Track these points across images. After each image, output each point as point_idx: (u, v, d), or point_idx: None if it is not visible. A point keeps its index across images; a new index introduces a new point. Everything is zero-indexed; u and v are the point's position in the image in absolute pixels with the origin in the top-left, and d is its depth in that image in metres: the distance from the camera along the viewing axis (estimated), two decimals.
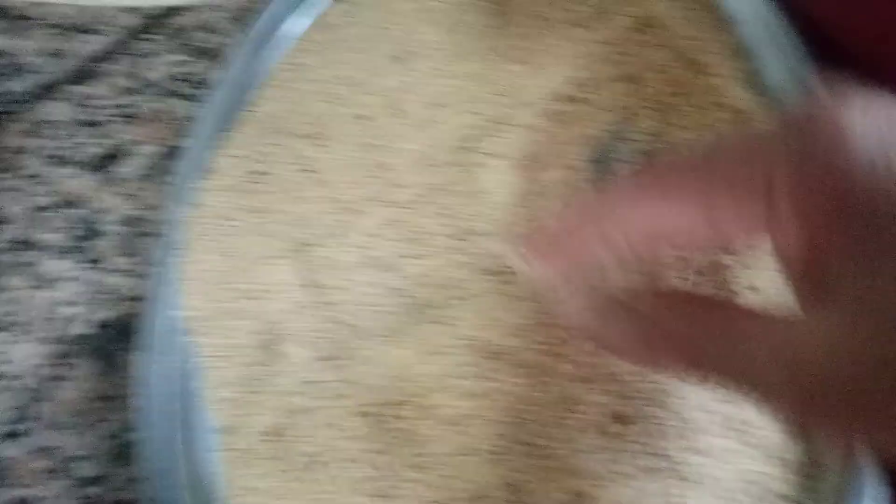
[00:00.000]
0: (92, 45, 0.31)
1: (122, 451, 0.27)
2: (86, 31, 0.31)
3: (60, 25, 0.30)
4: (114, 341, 0.28)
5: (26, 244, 0.29)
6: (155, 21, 0.32)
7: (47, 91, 0.31)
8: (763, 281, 0.26)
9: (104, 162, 0.30)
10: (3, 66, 0.30)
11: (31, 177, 0.30)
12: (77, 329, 0.29)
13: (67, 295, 0.29)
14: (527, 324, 0.25)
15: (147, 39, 0.32)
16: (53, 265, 0.29)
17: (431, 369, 0.25)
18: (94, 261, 0.29)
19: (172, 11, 0.32)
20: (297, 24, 0.29)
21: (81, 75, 0.31)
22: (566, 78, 0.28)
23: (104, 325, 0.29)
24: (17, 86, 0.30)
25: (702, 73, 0.28)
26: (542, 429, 0.24)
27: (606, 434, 0.24)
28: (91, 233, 0.29)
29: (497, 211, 0.27)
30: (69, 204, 0.30)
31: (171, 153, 0.30)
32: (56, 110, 0.30)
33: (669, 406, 0.24)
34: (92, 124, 0.31)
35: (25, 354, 0.28)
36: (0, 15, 0.29)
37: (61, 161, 0.30)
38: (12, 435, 0.27)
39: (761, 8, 0.28)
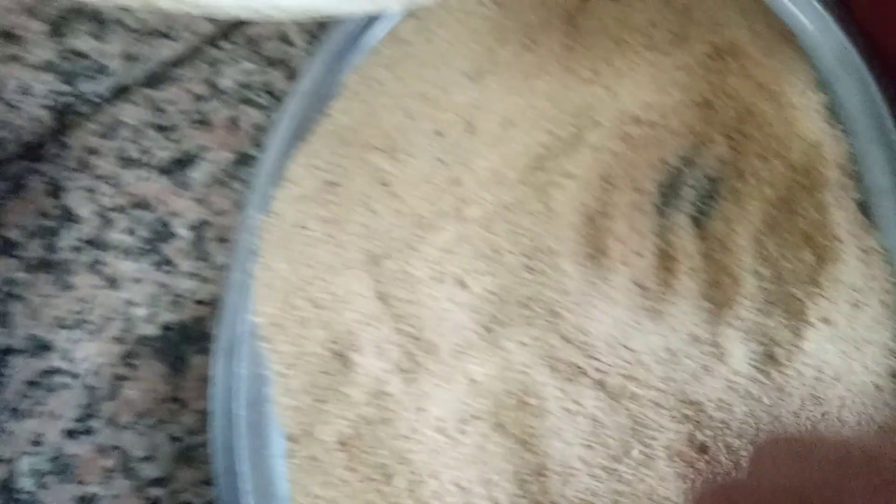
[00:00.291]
0: (167, 49, 0.31)
1: (185, 454, 0.27)
2: (163, 36, 0.31)
3: (139, 30, 0.31)
4: (179, 344, 0.29)
5: (96, 244, 0.29)
6: (229, 29, 0.32)
7: (122, 93, 0.31)
8: None
9: (175, 166, 0.30)
10: (83, 67, 0.30)
11: (103, 177, 0.30)
12: (143, 330, 0.29)
13: (135, 296, 0.29)
14: (602, 346, 0.25)
15: (221, 47, 0.32)
16: (122, 266, 0.29)
17: (504, 386, 0.25)
18: (163, 263, 0.29)
19: (247, 20, 0.32)
20: (370, 38, 0.30)
21: (156, 79, 0.31)
22: (639, 101, 0.28)
23: (170, 328, 0.29)
24: (94, 87, 0.31)
25: (777, 103, 0.28)
26: (618, 453, 0.24)
27: (684, 461, 0.24)
28: (160, 235, 0.30)
29: (567, 231, 0.27)
30: (139, 206, 0.30)
31: (242, 160, 0.31)
32: (130, 113, 0.31)
33: (746, 434, 0.24)
34: (164, 128, 0.31)
35: (91, 353, 0.28)
36: (85, 17, 0.29)
37: (133, 163, 0.30)
38: (77, 433, 0.28)
39: (839, 40, 0.28)
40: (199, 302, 0.29)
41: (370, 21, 0.30)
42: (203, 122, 0.31)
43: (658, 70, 0.29)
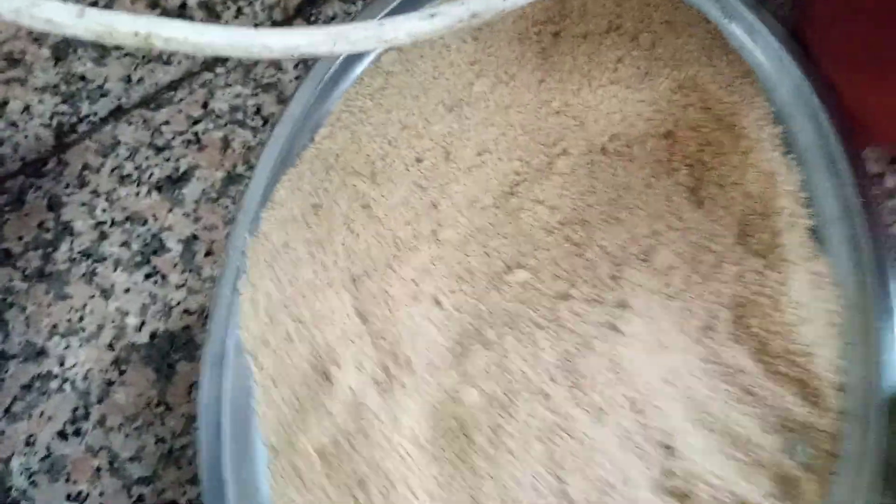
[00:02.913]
0: (164, 73, 0.32)
1: (170, 455, 0.28)
2: (160, 61, 0.32)
3: (135, 55, 0.32)
4: (167, 351, 0.29)
5: (91, 256, 0.30)
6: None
7: (120, 114, 0.32)
8: None
9: (168, 183, 0.31)
10: (83, 89, 0.31)
11: (100, 193, 0.31)
12: (133, 338, 0.29)
13: (126, 305, 0.30)
14: (564, 360, 0.26)
15: (215, 71, 0.33)
16: (115, 276, 0.30)
17: (473, 399, 0.25)
18: (154, 274, 0.30)
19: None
20: (355, 69, 0.30)
21: (153, 101, 0.32)
22: (606, 132, 0.29)
23: (159, 336, 0.29)
24: (93, 108, 0.31)
25: (734, 135, 0.28)
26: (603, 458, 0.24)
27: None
28: (152, 248, 0.30)
29: (538, 252, 0.28)
30: (134, 220, 0.31)
31: (232, 178, 0.31)
32: (127, 133, 0.32)
33: None
34: (159, 147, 0.32)
35: (83, 359, 0.29)
36: (87, 43, 0.30)
37: (129, 180, 0.31)
38: (68, 434, 0.28)
39: (795, 77, 0.29)
40: (187, 312, 0.30)
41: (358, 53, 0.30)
42: (196, 142, 0.32)
43: (624, 103, 0.29)
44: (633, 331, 0.26)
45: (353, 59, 0.30)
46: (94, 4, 0.29)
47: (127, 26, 0.21)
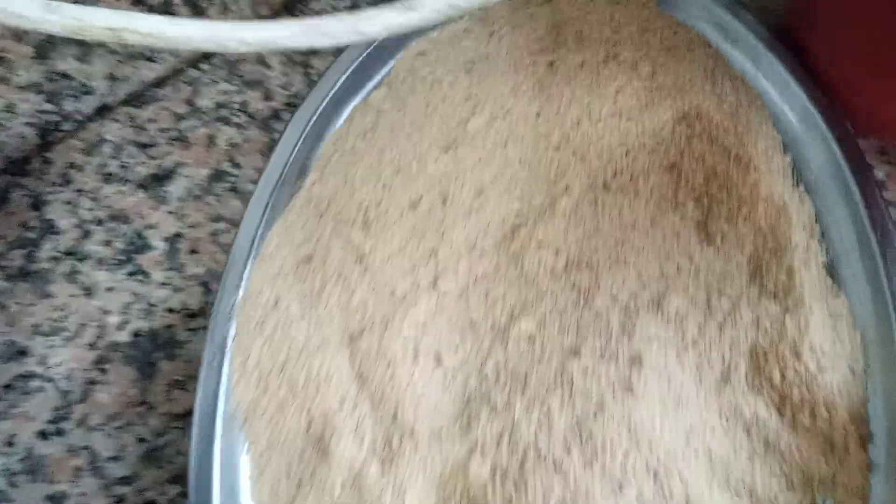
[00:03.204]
0: (149, 71, 0.32)
1: (151, 454, 0.28)
2: (145, 59, 0.32)
3: (120, 52, 0.31)
4: (149, 350, 0.29)
5: (74, 254, 0.30)
6: (209, 51, 0.33)
7: (105, 112, 0.32)
8: None
9: (153, 180, 0.31)
10: (68, 87, 0.31)
11: (84, 191, 0.31)
12: (115, 337, 0.29)
13: (109, 304, 0.29)
14: (577, 426, 0.24)
15: (201, 68, 0.32)
16: (98, 275, 0.30)
17: (481, 469, 0.24)
18: (137, 273, 0.30)
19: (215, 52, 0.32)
20: (345, 108, 0.28)
21: (138, 99, 0.32)
22: (609, 167, 0.28)
23: (141, 335, 0.29)
24: (77, 106, 0.31)
25: (742, 166, 0.27)
26: None
27: None
28: (136, 247, 0.30)
29: (544, 298, 0.26)
30: (117, 218, 0.30)
31: (217, 175, 0.31)
32: (112, 130, 0.31)
33: None
34: (144, 145, 0.31)
35: (65, 358, 0.29)
36: (70, 41, 0.30)
37: (113, 178, 0.31)
38: (49, 434, 0.28)
39: (801, 102, 0.28)
40: (171, 310, 0.29)
41: (345, 88, 0.28)
42: (181, 140, 0.32)
43: (626, 136, 0.28)
44: (649, 389, 0.25)
45: (342, 95, 0.28)
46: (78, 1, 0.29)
47: (101, 21, 0.21)
